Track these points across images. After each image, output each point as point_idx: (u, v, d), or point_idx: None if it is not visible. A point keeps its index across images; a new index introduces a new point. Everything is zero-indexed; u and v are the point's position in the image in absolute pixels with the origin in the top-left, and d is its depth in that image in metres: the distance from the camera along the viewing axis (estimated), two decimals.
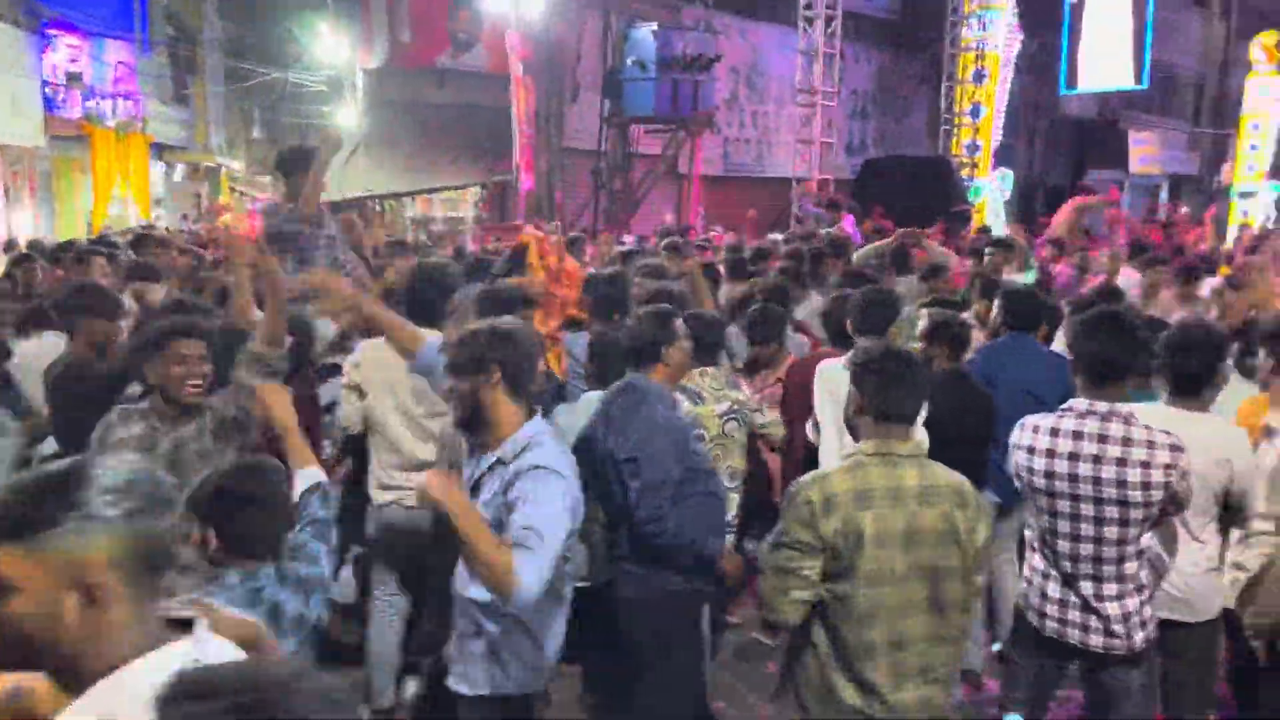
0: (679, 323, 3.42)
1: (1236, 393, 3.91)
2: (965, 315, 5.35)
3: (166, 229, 12.03)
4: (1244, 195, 23.80)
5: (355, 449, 4.17)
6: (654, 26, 13.41)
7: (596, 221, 14.08)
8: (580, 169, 14.94)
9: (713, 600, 3.64)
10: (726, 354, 4.73)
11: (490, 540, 2.43)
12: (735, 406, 3.94)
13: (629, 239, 9.93)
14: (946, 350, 4.20)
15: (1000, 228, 15.78)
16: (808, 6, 16.59)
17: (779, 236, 9.80)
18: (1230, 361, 4.00)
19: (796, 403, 4.55)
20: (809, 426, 4.33)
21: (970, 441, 3.98)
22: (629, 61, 13.45)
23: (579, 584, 3.63)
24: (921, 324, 4.38)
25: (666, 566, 3.25)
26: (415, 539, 3.72)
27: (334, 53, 16.97)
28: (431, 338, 3.23)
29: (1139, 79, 15.93)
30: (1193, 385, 3.30)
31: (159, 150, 16.34)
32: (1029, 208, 17.72)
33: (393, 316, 3.33)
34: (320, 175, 5.25)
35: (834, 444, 4.08)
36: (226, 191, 18.76)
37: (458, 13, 13.09)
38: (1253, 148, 23.99)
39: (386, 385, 3.89)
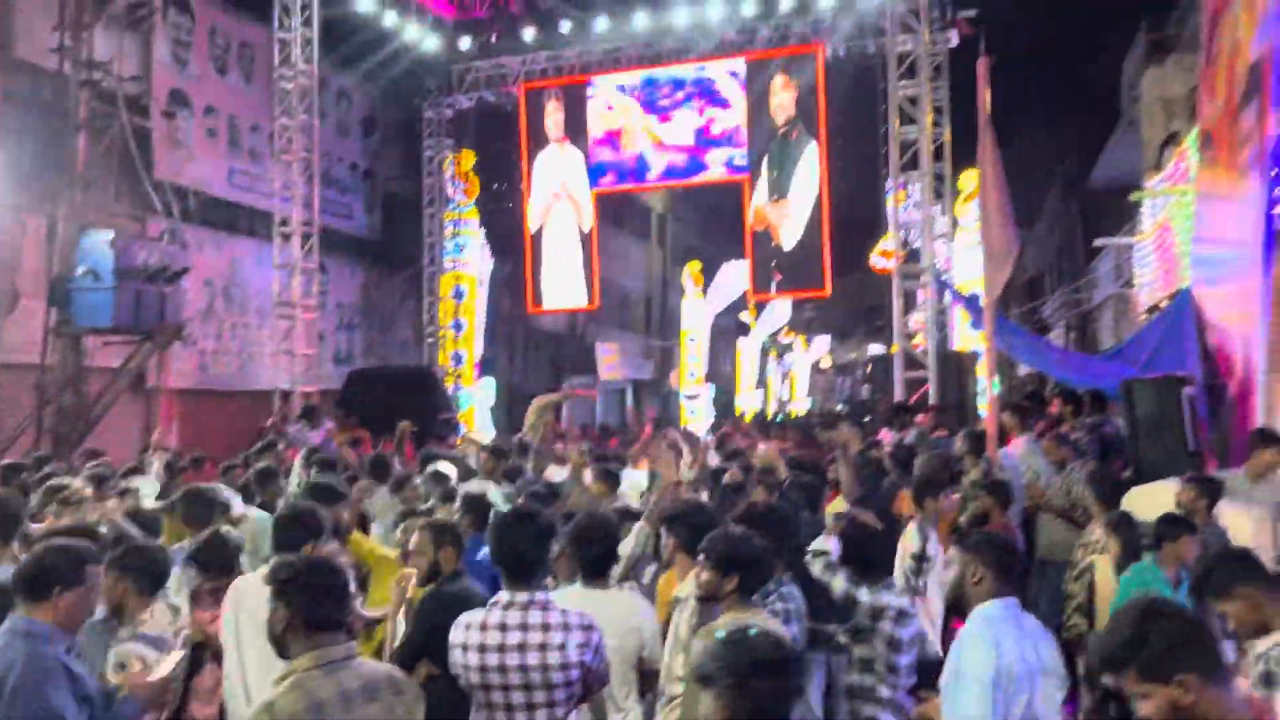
0: (90, 567, 3.05)
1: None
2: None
3: None
4: (690, 397, 27.80)
5: None
6: (110, 235, 12.53)
7: (39, 442, 12.40)
8: (22, 384, 13.17)
9: None
10: None
11: None
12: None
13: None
14: (449, 553, 4.14)
15: (489, 433, 16.62)
16: (283, 223, 16.68)
17: None
18: None
19: None
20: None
21: None
22: (80, 270, 12.34)
23: None
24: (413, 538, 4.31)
25: None
26: None
27: None
28: None
29: (592, 301, 18.15)
30: (599, 567, 3.64)
31: None
32: (513, 413, 18.96)
33: None
34: None
35: (236, 671, 3.72)
36: None
37: None
38: (691, 358, 28.30)
39: None
